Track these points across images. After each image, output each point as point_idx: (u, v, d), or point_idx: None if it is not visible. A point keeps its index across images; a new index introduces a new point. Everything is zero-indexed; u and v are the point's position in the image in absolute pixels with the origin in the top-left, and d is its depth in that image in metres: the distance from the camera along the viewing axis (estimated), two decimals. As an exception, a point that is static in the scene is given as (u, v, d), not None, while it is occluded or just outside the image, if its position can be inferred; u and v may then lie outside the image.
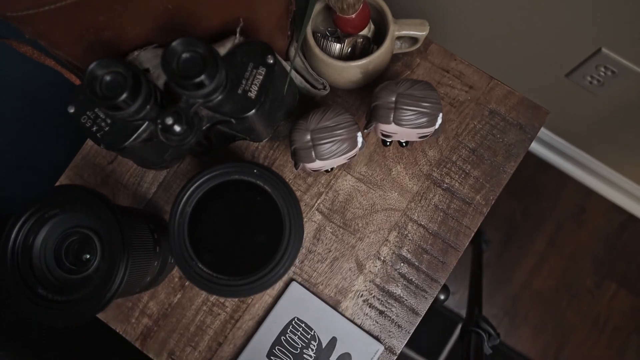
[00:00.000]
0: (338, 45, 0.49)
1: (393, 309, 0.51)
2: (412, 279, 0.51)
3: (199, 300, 0.52)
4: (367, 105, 0.53)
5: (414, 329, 0.51)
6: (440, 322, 1.15)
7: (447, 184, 0.52)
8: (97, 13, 0.37)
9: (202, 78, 0.34)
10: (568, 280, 1.14)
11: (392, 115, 0.42)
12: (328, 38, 0.49)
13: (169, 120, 0.36)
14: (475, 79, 0.53)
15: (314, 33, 0.49)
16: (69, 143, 0.60)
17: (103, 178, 0.54)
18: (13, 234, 0.36)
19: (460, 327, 0.67)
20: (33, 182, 0.70)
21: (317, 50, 0.47)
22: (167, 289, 0.52)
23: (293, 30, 0.50)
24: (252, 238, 0.40)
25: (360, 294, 0.51)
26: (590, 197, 1.14)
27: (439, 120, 0.43)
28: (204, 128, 0.39)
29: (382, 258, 0.51)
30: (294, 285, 0.51)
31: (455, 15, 0.78)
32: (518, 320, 1.14)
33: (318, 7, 0.48)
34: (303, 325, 0.50)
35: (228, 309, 0.51)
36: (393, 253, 0.51)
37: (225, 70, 0.36)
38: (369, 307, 0.51)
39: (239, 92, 0.38)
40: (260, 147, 0.53)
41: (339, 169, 0.52)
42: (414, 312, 0.51)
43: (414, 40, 0.50)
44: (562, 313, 1.13)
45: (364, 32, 0.49)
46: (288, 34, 0.49)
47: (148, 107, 0.36)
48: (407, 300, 0.51)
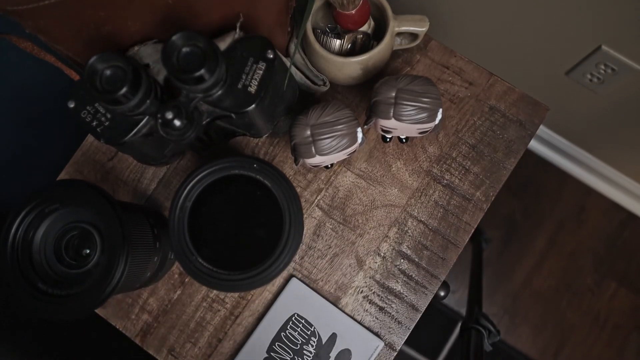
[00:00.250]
0: (338, 41, 0.49)
1: (393, 305, 0.51)
2: (412, 275, 0.51)
3: (199, 297, 0.52)
4: (367, 102, 0.53)
5: (414, 326, 0.51)
6: (441, 320, 1.15)
7: (447, 180, 0.52)
8: (97, 8, 0.37)
9: (202, 72, 0.34)
10: (568, 279, 1.14)
11: (392, 111, 0.42)
12: (328, 34, 0.49)
13: (169, 115, 0.36)
14: (475, 76, 0.53)
15: (314, 29, 0.49)
16: (69, 140, 0.60)
17: (103, 174, 0.54)
18: (13, 229, 0.36)
19: (460, 324, 0.67)
20: (33, 179, 0.70)
21: (317, 46, 0.47)
22: (167, 286, 0.52)
23: (293, 27, 0.50)
24: (252, 233, 0.40)
25: (360, 290, 0.51)
26: (591, 195, 1.14)
27: (439, 116, 0.43)
28: (204, 123, 0.39)
29: (382, 254, 0.51)
30: (294, 282, 0.51)
31: (455, 13, 0.78)
32: (518, 319, 1.14)
33: (318, 3, 0.48)
34: (303, 322, 0.50)
35: (228, 305, 0.51)
36: (393, 249, 0.51)
37: (225, 65, 0.36)
38: (369, 303, 0.51)
39: (239, 86, 0.38)
40: (260, 143, 0.53)
41: (339, 165, 0.52)
42: (414, 308, 0.51)
43: (414, 37, 0.50)
44: (562, 312, 1.13)
45: (364, 28, 0.49)
46: (288, 30, 0.49)
47: (148, 101, 0.36)
48: (407, 297, 0.51)
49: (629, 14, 0.61)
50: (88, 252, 0.38)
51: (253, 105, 0.38)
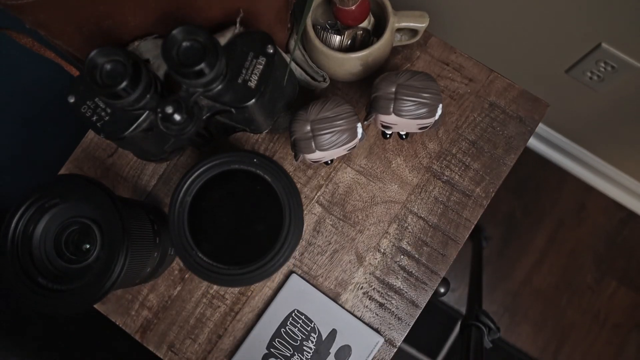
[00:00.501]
0: (338, 38, 0.49)
1: (393, 301, 0.51)
2: (412, 272, 0.51)
3: (199, 293, 0.52)
4: (367, 98, 0.53)
5: (414, 322, 0.51)
6: (441, 319, 1.15)
7: (447, 177, 0.52)
8: (97, 2, 0.37)
9: (202, 66, 0.34)
10: (568, 277, 1.14)
11: (392, 106, 0.42)
12: (328, 30, 0.49)
13: (169, 109, 0.36)
14: (475, 72, 0.53)
15: (314, 25, 0.49)
16: (69, 137, 0.60)
17: (103, 171, 0.54)
18: (13, 223, 0.37)
19: (460, 321, 0.67)
20: (32, 176, 0.70)
21: (317, 42, 0.47)
22: (167, 282, 0.52)
23: (293, 23, 0.50)
24: (252, 227, 0.40)
25: (360, 286, 0.51)
26: (591, 193, 1.14)
27: (439, 111, 0.43)
28: (204, 118, 0.39)
29: (382, 250, 0.51)
30: (294, 278, 0.51)
31: (455, 10, 0.78)
32: (518, 317, 1.14)
33: (318, -1, 0.48)
34: (303, 318, 0.50)
35: (228, 302, 0.51)
36: (393, 245, 0.51)
37: (225, 59, 0.36)
38: (369, 299, 0.51)
39: (239, 81, 0.38)
40: (260, 139, 0.53)
41: (339, 162, 0.52)
42: (414, 304, 0.51)
43: (414, 33, 0.50)
44: (562, 310, 1.13)
45: (364, 24, 0.49)
46: (288, 27, 0.49)
47: (148, 96, 0.36)
48: (407, 293, 0.51)
49: (629, 12, 0.61)
50: (88, 247, 0.38)
51: (253, 100, 0.38)
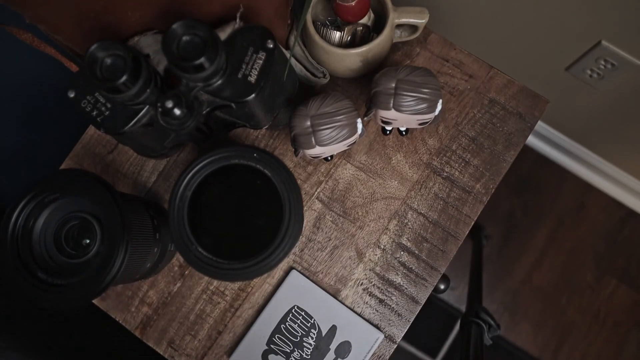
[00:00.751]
0: (338, 34, 0.49)
1: (393, 298, 0.51)
2: (412, 268, 0.51)
3: (199, 289, 0.52)
4: (366, 94, 0.53)
5: (414, 318, 0.51)
6: (441, 317, 1.15)
7: (447, 173, 0.52)
8: (97, -3, 0.37)
9: (201, 60, 0.34)
10: (568, 276, 1.14)
11: (392, 101, 0.42)
12: (328, 26, 0.50)
13: (169, 104, 0.36)
14: (475, 68, 0.53)
15: (314, 22, 0.49)
16: (69, 134, 0.60)
17: (103, 167, 0.54)
18: (13, 218, 0.37)
19: (460, 318, 0.67)
20: (32, 173, 0.70)
21: (317, 38, 0.47)
22: (166, 278, 0.52)
23: (293, 19, 0.50)
24: (252, 222, 0.40)
25: (360, 283, 0.51)
26: (591, 192, 1.14)
27: (439, 107, 0.43)
28: (204, 112, 0.39)
29: (382, 246, 0.51)
30: (294, 274, 0.51)
31: (455, 7, 0.78)
32: (518, 316, 1.14)
33: (318, -6, 0.48)
34: (303, 314, 0.50)
35: (228, 298, 0.51)
36: (393, 241, 0.51)
37: (225, 54, 0.36)
38: (369, 295, 0.51)
39: (239, 76, 0.38)
40: (260, 135, 0.53)
41: (339, 158, 0.52)
42: (414, 300, 0.51)
43: (414, 29, 0.50)
44: (562, 308, 1.13)
45: (364, 20, 0.49)
46: (288, 23, 0.49)
47: (148, 90, 0.36)
48: (407, 289, 0.51)
49: (629, 9, 0.61)
50: (88, 242, 0.38)
51: (253, 95, 0.38)
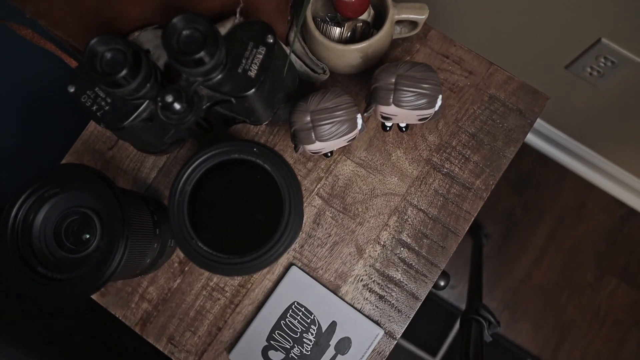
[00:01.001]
0: (338, 30, 0.49)
1: (393, 294, 0.51)
2: (412, 264, 0.51)
3: (199, 285, 0.52)
4: (366, 91, 0.53)
5: (414, 315, 0.51)
6: (441, 316, 1.15)
7: (447, 169, 0.52)
8: (97, -8, 0.37)
9: (201, 54, 0.34)
10: (568, 274, 1.14)
11: (391, 97, 0.42)
12: (328, 22, 0.50)
13: (169, 98, 0.36)
14: (475, 65, 0.53)
15: (314, 18, 0.49)
16: (69, 131, 0.60)
17: (103, 164, 0.54)
18: (13, 213, 0.36)
19: (460, 315, 0.67)
20: (32, 170, 0.70)
21: (317, 34, 0.47)
22: (166, 274, 0.52)
23: (293, 16, 0.50)
24: (252, 217, 0.40)
25: (360, 279, 0.51)
26: (591, 191, 1.14)
27: (439, 102, 0.43)
28: (204, 107, 0.39)
29: (382, 243, 0.51)
30: (294, 270, 0.51)
31: (455, 4, 0.78)
32: (518, 314, 1.14)
33: (318, -10, 0.48)
34: (303, 310, 0.50)
35: (227, 294, 0.51)
36: (393, 238, 0.51)
37: (225, 48, 0.36)
38: (369, 291, 0.51)
39: (239, 71, 0.38)
40: (260, 131, 0.53)
41: (339, 154, 0.52)
42: (414, 296, 0.51)
43: (414, 25, 0.50)
44: (562, 307, 1.13)
45: (364, 16, 0.49)
46: (288, 19, 0.49)
47: (148, 85, 0.36)
48: (407, 285, 0.51)
49: (629, 6, 0.61)
50: (88, 237, 0.38)
51: (253, 90, 0.38)
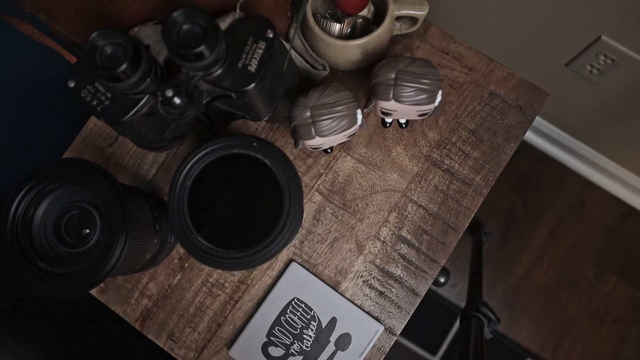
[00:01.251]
0: (338, 26, 0.49)
1: (393, 290, 0.51)
2: (412, 260, 0.51)
3: (199, 282, 0.52)
4: (366, 87, 0.53)
5: (414, 314, 0.51)
6: (441, 314, 1.15)
7: (447, 165, 0.52)
8: (97, -14, 0.37)
9: (201, 48, 0.34)
10: (568, 273, 1.14)
11: (391, 92, 0.42)
12: (328, 19, 0.50)
13: (169, 93, 0.36)
14: (475, 61, 0.53)
15: (314, 14, 0.49)
16: (68, 131, 0.60)
17: (103, 160, 0.54)
18: (13, 207, 0.36)
19: (460, 312, 0.67)
20: (31, 169, 0.70)
21: (316, 30, 0.47)
22: (166, 270, 0.52)
23: (293, 12, 0.50)
24: (252, 211, 0.40)
25: (360, 275, 0.51)
26: (591, 189, 1.14)
27: (439, 98, 0.43)
28: (204, 102, 0.39)
29: (382, 239, 0.51)
30: (294, 266, 0.51)
31: (455, 0, 0.78)
32: (518, 313, 1.14)
33: (318, -14, 0.48)
34: (303, 306, 0.50)
35: (227, 290, 0.51)
36: (393, 234, 0.51)
37: (226, 43, 0.36)
38: (369, 287, 0.51)
39: (239, 65, 0.38)
40: (260, 128, 0.53)
41: (339, 150, 0.52)
42: (414, 292, 0.51)
43: (414, 21, 0.50)
44: (562, 305, 1.13)
45: (364, 12, 0.49)
46: (288, 15, 0.49)
47: (148, 80, 0.36)
48: (407, 281, 0.51)
49: (629, 4, 0.61)
50: (88, 231, 0.38)
51: (253, 85, 0.38)
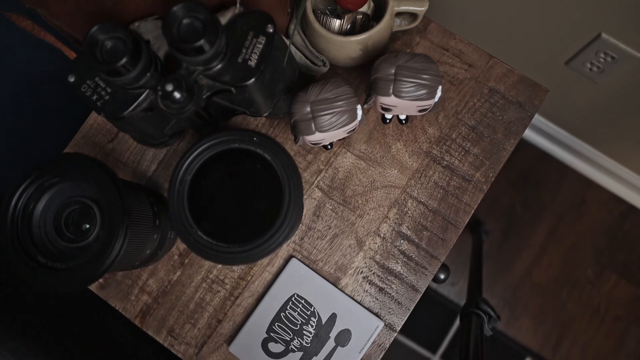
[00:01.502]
0: (338, 22, 0.49)
1: (393, 286, 0.51)
2: (412, 256, 0.51)
3: (199, 278, 0.52)
4: (366, 84, 0.53)
5: (414, 311, 0.51)
6: (441, 313, 1.15)
7: (446, 162, 0.52)
8: (97, -19, 0.37)
9: (201, 43, 0.34)
10: (568, 271, 1.14)
11: (391, 87, 0.42)
12: (328, 15, 0.50)
13: (169, 87, 0.36)
14: (475, 58, 0.53)
15: (314, 10, 0.49)
16: (68, 127, 0.60)
17: (103, 156, 0.54)
18: (13, 201, 0.36)
19: (460, 310, 0.67)
20: (31, 166, 0.70)
21: (316, 26, 0.47)
22: (166, 267, 0.52)
23: (293, 8, 0.50)
24: (252, 206, 0.40)
25: (360, 271, 0.51)
26: (591, 187, 1.14)
27: (439, 93, 0.43)
28: (204, 97, 0.39)
29: (382, 235, 0.51)
30: (294, 262, 0.51)
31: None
32: (518, 311, 1.14)
33: (318, -18, 0.48)
34: (303, 302, 0.50)
35: (227, 286, 0.51)
36: (393, 230, 0.51)
37: (226, 37, 0.36)
38: (369, 283, 0.51)
39: (239, 60, 0.38)
40: (260, 124, 0.53)
41: (339, 146, 0.52)
42: (414, 289, 0.51)
43: (414, 17, 0.50)
44: (562, 303, 1.13)
45: (364, 8, 0.49)
46: (288, 11, 0.49)
47: (148, 74, 0.36)
48: (407, 277, 0.51)
49: (629, 2, 0.61)
50: (88, 226, 0.38)
51: (253, 79, 0.38)
